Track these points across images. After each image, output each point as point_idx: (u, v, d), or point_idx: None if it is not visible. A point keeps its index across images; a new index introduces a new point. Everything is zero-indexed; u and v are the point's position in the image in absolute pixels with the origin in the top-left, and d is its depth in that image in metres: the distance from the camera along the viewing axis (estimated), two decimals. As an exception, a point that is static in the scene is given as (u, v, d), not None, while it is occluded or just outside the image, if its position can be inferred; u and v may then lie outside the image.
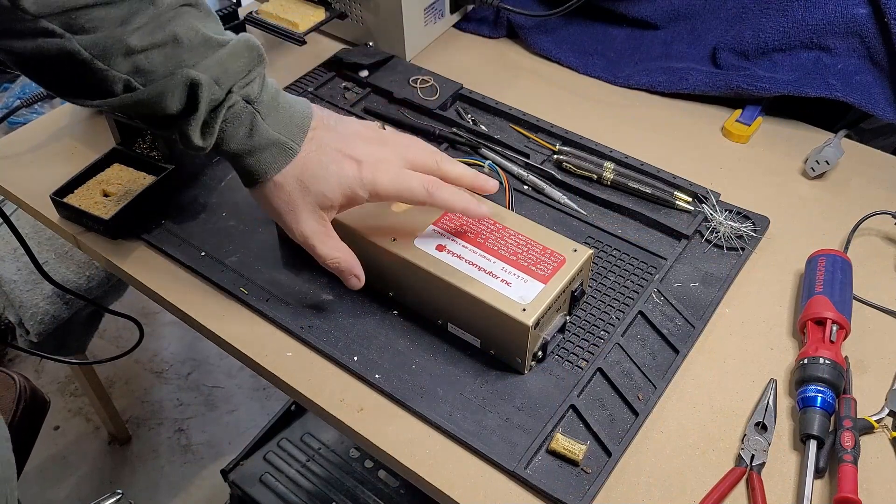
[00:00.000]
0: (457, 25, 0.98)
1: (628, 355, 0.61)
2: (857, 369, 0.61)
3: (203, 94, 0.53)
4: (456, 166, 0.61)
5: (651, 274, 0.68)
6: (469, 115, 0.83)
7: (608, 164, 0.76)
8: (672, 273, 0.68)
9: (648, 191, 0.74)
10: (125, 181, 0.74)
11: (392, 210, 0.64)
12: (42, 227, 1.15)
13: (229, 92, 0.54)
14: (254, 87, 0.56)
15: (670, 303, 0.65)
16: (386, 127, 0.65)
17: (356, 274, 0.60)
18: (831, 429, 0.56)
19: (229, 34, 0.56)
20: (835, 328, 0.60)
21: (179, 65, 0.52)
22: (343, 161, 0.58)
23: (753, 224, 0.71)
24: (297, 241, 0.60)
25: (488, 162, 0.77)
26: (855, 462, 0.54)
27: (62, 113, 0.85)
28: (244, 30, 0.86)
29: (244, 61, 0.55)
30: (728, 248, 0.70)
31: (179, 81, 0.52)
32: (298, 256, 0.69)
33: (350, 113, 0.84)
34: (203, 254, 0.70)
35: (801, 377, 0.58)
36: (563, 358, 0.61)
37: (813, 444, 0.55)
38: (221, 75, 0.54)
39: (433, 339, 0.63)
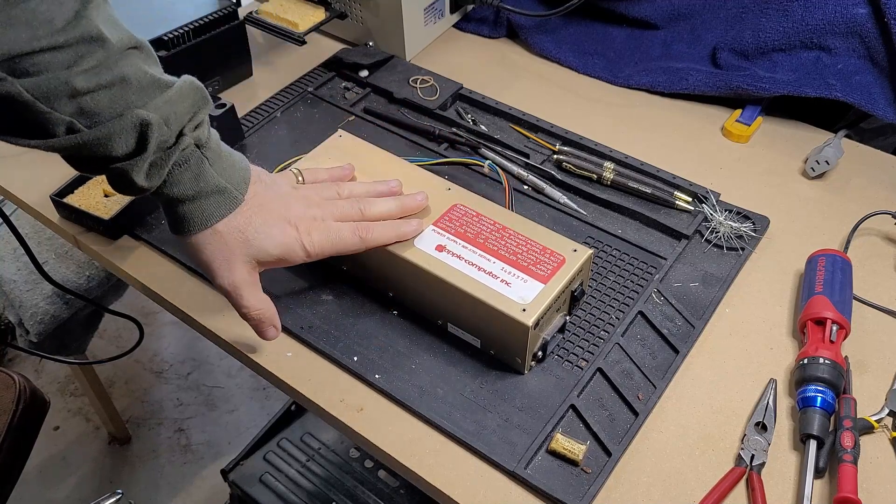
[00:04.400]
0: (457, 25, 0.98)
1: (628, 355, 0.61)
2: (857, 369, 0.61)
3: (153, 135, 0.51)
4: (376, 206, 0.63)
5: (651, 274, 0.68)
6: (469, 115, 0.83)
7: (608, 164, 0.76)
8: (672, 273, 0.68)
9: (648, 191, 0.74)
10: (125, 181, 0.74)
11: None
12: (42, 227, 1.15)
13: (180, 134, 0.53)
14: (203, 130, 0.55)
15: (670, 303, 0.65)
16: (302, 176, 0.65)
17: (275, 325, 0.60)
18: (831, 429, 0.56)
19: (172, 77, 0.55)
20: (835, 328, 0.60)
21: (127, 106, 0.51)
22: (284, 225, 0.59)
23: (753, 224, 0.71)
24: (220, 289, 0.59)
25: (488, 162, 0.77)
26: (855, 462, 0.54)
27: (62, 113, 0.85)
28: (244, 30, 0.86)
29: (190, 102, 0.54)
30: (728, 248, 0.70)
31: (129, 123, 0.51)
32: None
33: (350, 113, 0.84)
34: (203, 254, 0.70)
35: (801, 377, 0.58)
36: (563, 358, 0.61)
37: (813, 444, 0.55)
38: (170, 116, 0.52)
39: (433, 339, 0.63)
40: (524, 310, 0.56)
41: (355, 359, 0.61)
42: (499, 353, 0.61)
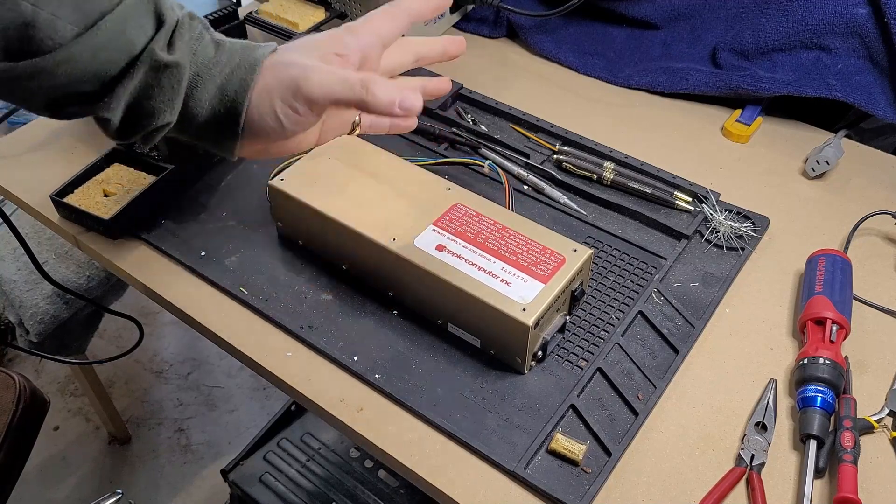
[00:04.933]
0: (457, 25, 0.98)
1: (628, 355, 0.61)
2: (857, 369, 0.61)
3: (165, 8, 0.49)
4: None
5: (651, 274, 0.68)
6: (469, 115, 0.83)
7: (608, 164, 0.76)
8: (672, 273, 0.68)
9: (648, 191, 0.74)
10: (125, 181, 0.74)
11: (390, 205, 0.64)
12: (42, 227, 1.15)
13: (180, 18, 0.51)
14: (201, 18, 0.53)
15: (670, 303, 0.65)
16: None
17: (404, 85, 0.53)
18: (831, 429, 0.56)
19: None
20: (835, 328, 0.60)
21: None
22: (320, 37, 0.54)
23: (753, 224, 0.71)
24: (316, 94, 0.50)
25: (488, 162, 0.77)
26: (855, 462, 0.54)
27: (62, 113, 0.85)
28: (244, 30, 0.86)
29: (178, 3, 0.52)
30: (728, 248, 0.70)
31: (138, 1, 0.48)
32: (298, 256, 0.69)
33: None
34: (203, 254, 0.70)
35: (801, 377, 0.58)
36: (563, 358, 0.61)
37: (813, 444, 0.55)
38: (171, 1, 0.51)
39: (433, 339, 0.63)
40: (524, 309, 0.56)
41: (355, 359, 0.61)
42: (499, 353, 0.61)
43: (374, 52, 0.54)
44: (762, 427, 0.57)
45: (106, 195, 0.73)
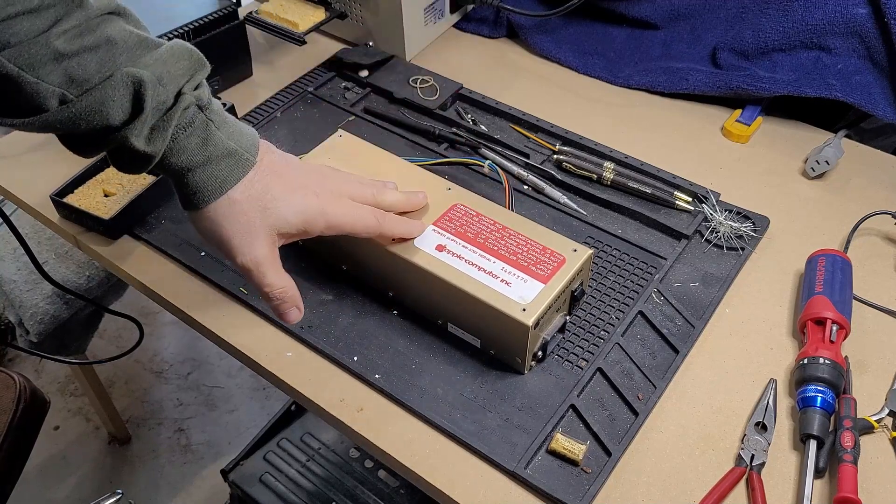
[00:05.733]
0: (457, 25, 0.98)
1: (628, 355, 0.61)
2: (857, 369, 0.61)
3: (148, 93, 0.49)
4: (388, 195, 0.61)
5: (651, 274, 0.68)
6: (469, 115, 0.83)
7: (608, 164, 0.76)
8: (672, 273, 0.68)
9: (648, 191, 0.74)
10: (125, 181, 0.74)
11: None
12: (42, 227, 1.15)
13: (179, 94, 0.51)
14: (203, 92, 0.53)
15: (670, 303, 0.65)
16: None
17: (298, 305, 0.57)
18: (831, 429, 0.56)
19: (161, 39, 0.53)
20: (835, 328, 0.60)
21: (117, 67, 0.48)
22: (304, 192, 0.56)
23: (753, 224, 0.71)
24: (240, 267, 0.54)
25: (488, 162, 0.77)
26: (855, 462, 0.54)
27: (62, 113, 0.85)
28: (244, 30, 0.86)
29: (185, 63, 0.52)
30: (728, 248, 0.70)
31: (121, 81, 0.48)
32: (298, 256, 0.69)
33: (350, 113, 0.84)
34: (203, 254, 0.70)
35: (801, 377, 0.58)
36: (563, 358, 0.61)
37: (813, 444, 0.55)
38: (164, 74, 0.50)
39: (433, 339, 0.63)
40: (524, 309, 0.56)
41: (355, 359, 0.61)
42: (499, 352, 0.61)
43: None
44: (762, 427, 0.57)
45: (106, 195, 0.73)
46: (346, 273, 0.68)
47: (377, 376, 0.60)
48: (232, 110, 0.77)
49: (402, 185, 0.66)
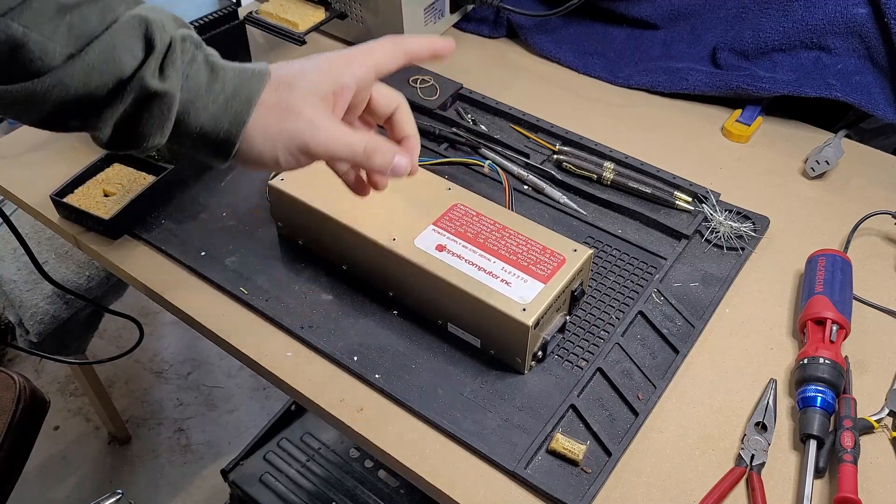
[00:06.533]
0: (457, 25, 0.98)
1: (628, 355, 0.61)
2: (857, 369, 0.61)
3: (156, 30, 0.49)
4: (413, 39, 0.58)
5: (651, 274, 0.68)
6: (469, 115, 0.83)
7: (608, 164, 0.76)
8: (672, 273, 0.68)
9: (648, 191, 0.74)
10: (125, 181, 0.74)
11: (390, 205, 0.64)
12: (42, 227, 1.15)
13: (173, 38, 0.50)
14: (194, 35, 0.52)
15: (670, 303, 0.65)
16: None
17: (396, 150, 0.54)
18: (831, 429, 0.56)
19: None
20: (835, 328, 0.60)
21: (118, 14, 0.48)
22: (318, 60, 0.54)
23: (753, 224, 0.71)
24: (318, 147, 0.52)
25: (488, 162, 0.77)
26: (855, 462, 0.54)
27: (62, 113, 0.85)
28: (244, 30, 0.86)
29: (170, 14, 0.52)
30: (728, 248, 0.70)
31: (127, 24, 0.48)
32: (298, 256, 0.69)
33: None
34: (203, 254, 0.70)
35: (801, 377, 0.58)
36: (563, 358, 0.61)
37: (813, 444, 0.55)
38: (162, 18, 0.50)
39: (433, 339, 0.63)
40: (524, 309, 0.56)
41: (355, 359, 0.61)
42: (499, 352, 0.61)
43: (369, 83, 0.56)
44: (762, 427, 0.57)
45: (106, 195, 0.73)
46: (346, 273, 0.68)
47: (377, 376, 0.60)
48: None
49: (402, 185, 0.66)
